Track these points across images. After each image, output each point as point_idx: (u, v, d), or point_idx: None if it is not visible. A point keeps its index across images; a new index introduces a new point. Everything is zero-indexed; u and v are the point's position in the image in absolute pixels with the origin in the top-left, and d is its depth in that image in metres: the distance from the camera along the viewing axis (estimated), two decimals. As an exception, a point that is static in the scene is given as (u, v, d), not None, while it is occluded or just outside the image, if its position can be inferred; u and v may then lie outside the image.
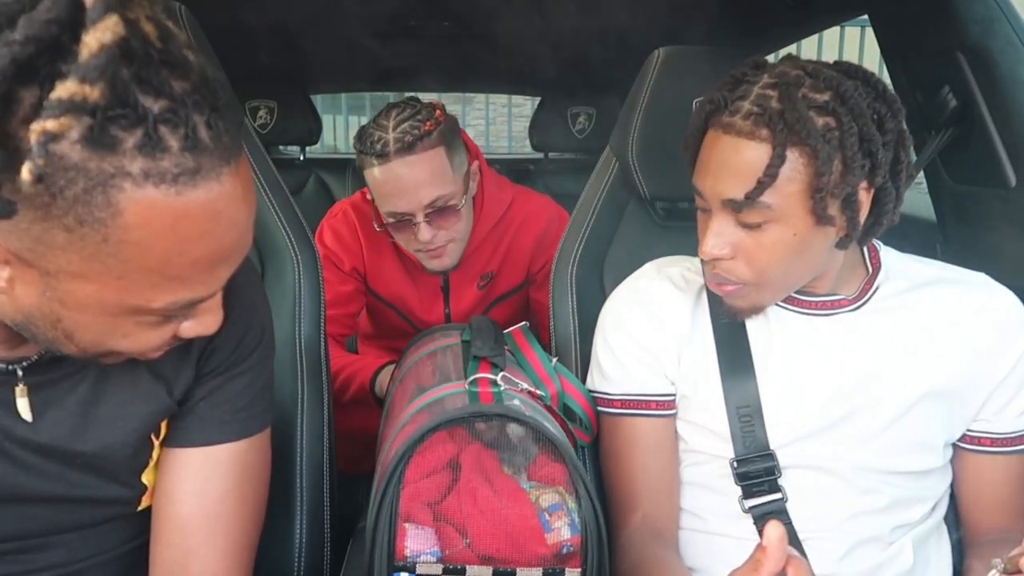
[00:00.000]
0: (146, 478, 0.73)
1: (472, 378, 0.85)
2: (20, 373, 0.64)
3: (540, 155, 2.78)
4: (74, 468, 0.69)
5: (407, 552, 0.70)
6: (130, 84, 0.45)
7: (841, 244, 0.82)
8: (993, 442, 0.89)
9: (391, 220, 1.33)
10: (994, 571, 0.65)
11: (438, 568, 0.70)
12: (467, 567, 0.70)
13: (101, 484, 0.71)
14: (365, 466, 1.09)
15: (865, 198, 0.79)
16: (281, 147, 2.79)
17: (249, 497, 0.76)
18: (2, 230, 0.48)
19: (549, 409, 0.86)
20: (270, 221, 1.08)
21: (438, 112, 1.32)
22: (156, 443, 0.73)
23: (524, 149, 4.79)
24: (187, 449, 0.72)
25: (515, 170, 2.60)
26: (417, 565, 0.70)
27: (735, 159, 0.77)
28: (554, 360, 1.00)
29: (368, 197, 1.44)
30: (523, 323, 1.05)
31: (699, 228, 0.85)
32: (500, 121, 5.99)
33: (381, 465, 0.80)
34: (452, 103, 6.14)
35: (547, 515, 0.71)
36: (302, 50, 2.06)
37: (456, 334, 1.05)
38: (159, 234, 0.49)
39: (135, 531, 0.76)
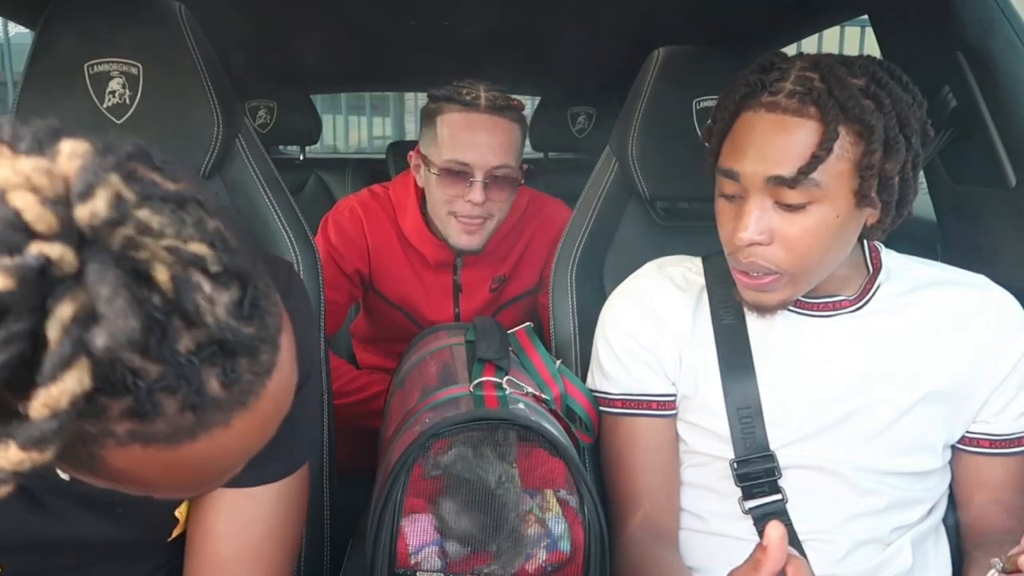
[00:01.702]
0: (178, 512, 0.71)
1: (477, 381, 0.85)
2: None
3: (540, 155, 2.78)
4: (111, 516, 0.67)
5: (409, 550, 0.70)
6: (118, 359, 0.36)
7: (870, 233, 0.83)
8: (992, 443, 0.89)
9: (449, 168, 1.29)
10: (993, 571, 0.65)
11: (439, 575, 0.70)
12: (467, 573, 0.70)
13: (137, 529, 0.69)
14: (364, 464, 1.09)
15: (896, 184, 0.79)
16: (281, 147, 2.79)
17: (288, 534, 0.73)
18: None
19: (552, 412, 0.86)
20: (270, 221, 1.08)
21: (520, 103, 1.36)
22: None
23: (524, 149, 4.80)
24: (230, 489, 0.68)
25: (515, 170, 2.60)
26: (418, 574, 0.70)
27: (783, 137, 0.76)
28: (558, 362, 1.00)
29: (418, 172, 1.38)
30: (527, 324, 1.04)
31: (721, 218, 0.84)
32: (500, 121, 5.97)
33: (383, 469, 0.80)
34: (452, 103, 6.12)
35: (527, 549, 0.70)
36: (302, 50, 2.05)
37: (460, 333, 1.05)
38: (150, 477, 0.43)
39: (163, 560, 0.75)
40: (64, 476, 0.63)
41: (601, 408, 0.97)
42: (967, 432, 0.90)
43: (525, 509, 0.71)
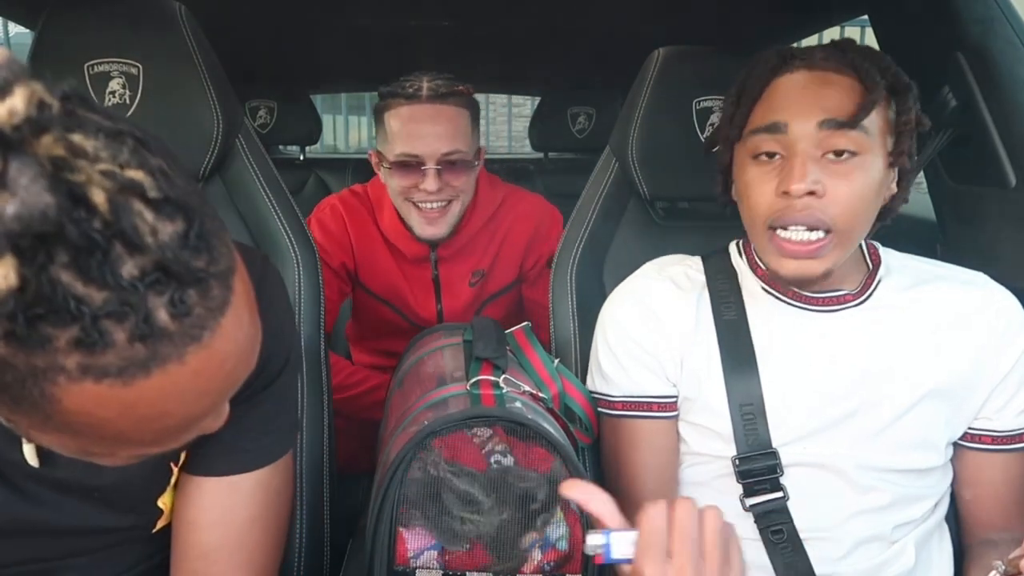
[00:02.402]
0: (162, 502, 0.71)
1: (474, 380, 0.85)
2: None
3: (540, 155, 2.78)
4: (90, 501, 0.67)
5: (409, 553, 0.70)
6: (58, 281, 0.36)
7: (885, 212, 0.86)
8: (994, 440, 0.89)
9: (401, 162, 1.33)
10: (995, 572, 0.65)
11: (438, 573, 0.70)
12: (467, 573, 0.70)
13: (117, 515, 0.69)
14: (364, 464, 1.09)
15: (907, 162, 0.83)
16: (281, 147, 2.79)
17: (272, 522, 0.74)
18: None
19: (551, 411, 0.86)
20: (270, 221, 1.08)
21: (468, 88, 1.38)
22: (175, 469, 0.71)
23: (524, 149, 4.78)
24: (211, 478, 0.69)
25: (515, 170, 2.60)
26: (417, 572, 0.70)
27: (829, 88, 0.80)
28: (556, 361, 1.00)
29: (380, 170, 1.42)
30: (525, 323, 1.05)
31: (756, 183, 0.83)
32: (500, 121, 5.99)
33: (382, 467, 0.80)
34: (452, 103, 6.13)
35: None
36: (302, 50, 2.06)
37: (459, 333, 1.05)
38: (108, 419, 0.42)
39: (149, 551, 0.75)
40: (33, 462, 0.63)
41: (602, 410, 0.97)
42: (969, 429, 0.90)
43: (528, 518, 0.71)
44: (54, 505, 0.65)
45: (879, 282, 0.91)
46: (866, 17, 1.32)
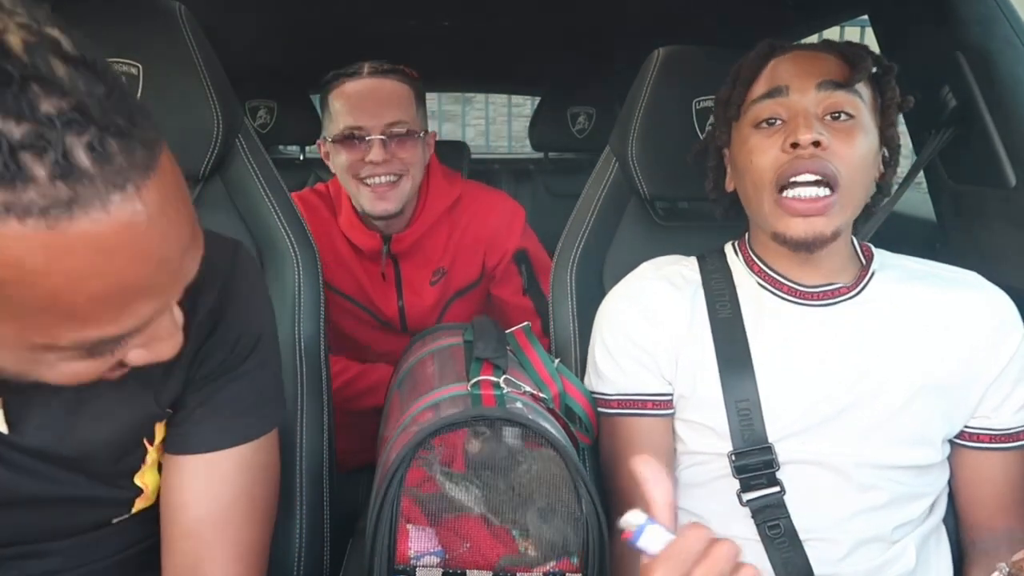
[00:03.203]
0: (140, 480, 0.72)
1: (474, 380, 0.85)
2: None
3: (540, 155, 2.78)
4: (62, 467, 0.68)
5: (410, 554, 0.70)
6: None
7: (879, 189, 0.91)
8: (992, 438, 0.89)
9: (346, 134, 1.34)
10: (997, 574, 0.65)
11: (438, 572, 0.70)
12: (467, 572, 0.70)
13: (91, 484, 0.70)
14: (363, 458, 1.09)
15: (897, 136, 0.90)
16: (281, 147, 2.79)
17: (259, 499, 0.75)
18: None
19: (551, 411, 0.86)
20: (270, 221, 1.08)
21: (411, 71, 1.41)
22: (151, 447, 0.72)
23: (524, 149, 4.79)
24: (190, 456, 0.71)
25: (515, 170, 2.61)
26: (417, 570, 0.70)
27: (822, 57, 0.87)
28: (556, 361, 1.00)
29: (329, 159, 1.42)
30: (525, 323, 1.05)
31: (761, 148, 0.86)
32: (500, 121, 5.99)
33: (381, 467, 0.80)
34: (452, 103, 6.14)
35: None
36: (302, 50, 2.06)
37: (458, 334, 1.05)
38: (38, 271, 0.42)
39: (133, 538, 0.76)
40: (2, 427, 0.64)
41: (599, 409, 0.97)
42: (966, 427, 0.90)
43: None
44: (29, 470, 0.66)
45: (873, 275, 0.92)
46: (866, 17, 1.32)
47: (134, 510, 0.73)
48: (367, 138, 1.33)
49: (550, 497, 0.72)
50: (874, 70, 0.87)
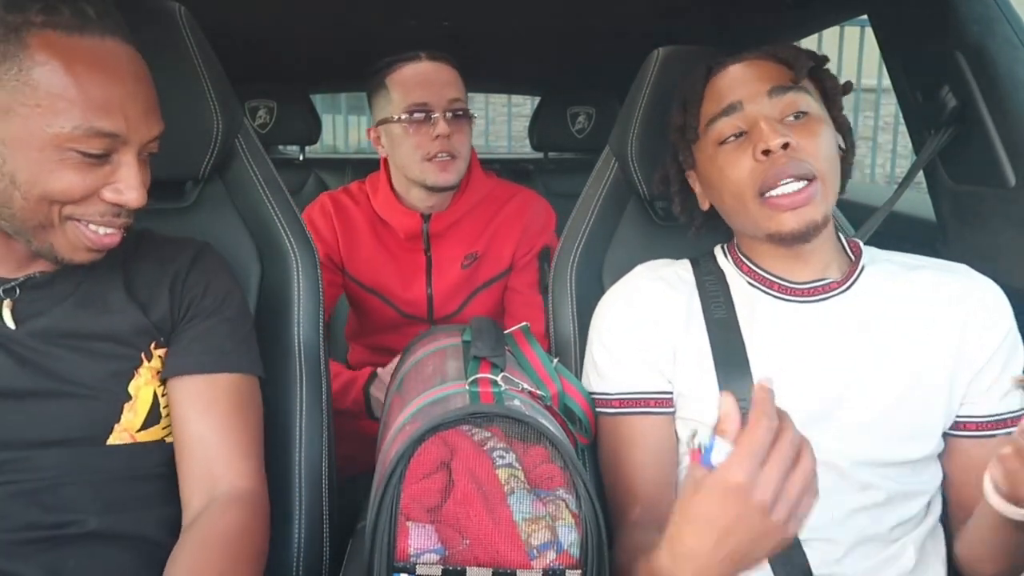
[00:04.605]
0: (132, 388, 0.85)
1: (472, 378, 0.85)
2: (18, 292, 0.82)
3: (540, 155, 2.78)
4: (62, 348, 0.82)
5: (410, 551, 0.70)
6: None
7: (844, 171, 0.93)
8: (978, 426, 0.89)
9: (413, 114, 1.39)
10: (1017, 385, 0.67)
11: (438, 569, 0.70)
12: (467, 568, 0.70)
13: (94, 366, 0.82)
14: (362, 464, 1.09)
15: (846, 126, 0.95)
16: (281, 147, 2.79)
17: (251, 417, 0.90)
18: None
19: (550, 409, 0.86)
20: (270, 221, 1.08)
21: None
22: (146, 362, 0.86)
23: (524, 149, 4.78)
24: (190, 376, 0.87)
25: (515, 170, 2.60)
26: (417, 567, 0.70)
27: (767, 64, 0.90)
28: (555, 360, 1.00)
29: (381, 144, 1.49)
30: (524, 323, 1.05)
31: (731, 161, 0.89)
32: (500, 121, 5.99)
33: (381, 465, 0.80)
34: (452, 103, 6.12)
35: (535, 551, 0.70)
36: (302, 50, 2.06)
37: (457, 334, 1.05)
38: (60, 66, 0.71)
39: (123, 465, 0.84)
40: (10, 324, 0.81)
41: (598, 409, 0.97)
42: (955, 417, 0.90)
43: (538, 515, 0.71)
44: (29, 359, 0.81)
45: (862, 270, 0.93)
46: (866, 17, 1.32)
47: (122, 423, 0.84)
48: (432, 116, 1.39)
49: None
50: (811, 64, 0.90)
